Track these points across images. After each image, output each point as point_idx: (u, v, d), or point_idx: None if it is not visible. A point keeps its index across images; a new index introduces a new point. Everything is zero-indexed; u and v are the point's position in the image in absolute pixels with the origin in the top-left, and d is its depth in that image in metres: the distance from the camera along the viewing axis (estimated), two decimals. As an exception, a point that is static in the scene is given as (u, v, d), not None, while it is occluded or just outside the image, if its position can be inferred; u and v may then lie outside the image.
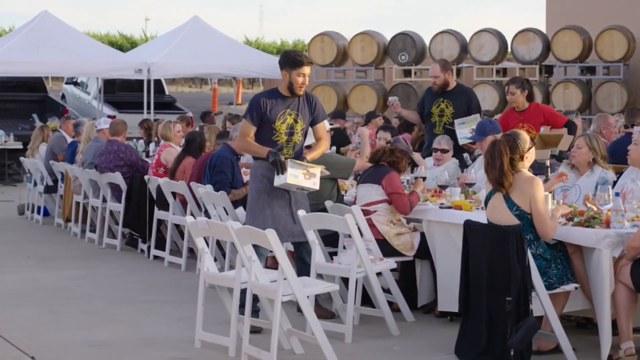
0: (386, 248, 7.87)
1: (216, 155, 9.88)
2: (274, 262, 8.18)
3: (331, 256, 7.90)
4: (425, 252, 7.93)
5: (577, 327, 7.41)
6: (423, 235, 7.96)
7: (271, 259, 8.69)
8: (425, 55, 20.19)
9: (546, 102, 18.55)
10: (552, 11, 22.31)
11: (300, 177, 7.34)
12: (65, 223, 13.32)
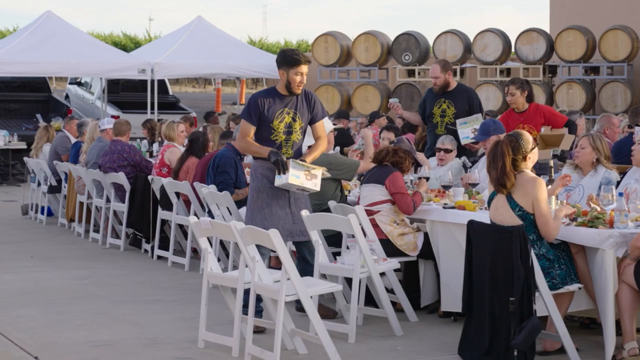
0: (389, 248, 7.87)
1: (220, 155, 9.88)
2: (278, 263, 8.18)
3: (334, 256, 7.90)
4: (428, 253, 7.92)
5: (581, 328, 7.41)
6: (426, 235, 7.96)
7: (274, 259, 8.69)
8: (429, 55, 20.17)
9: (550, 102, 18.54)
10: (556, 11, 22.30)
11: (301, 178, 7.32)
12: (68, 223, 13.34)
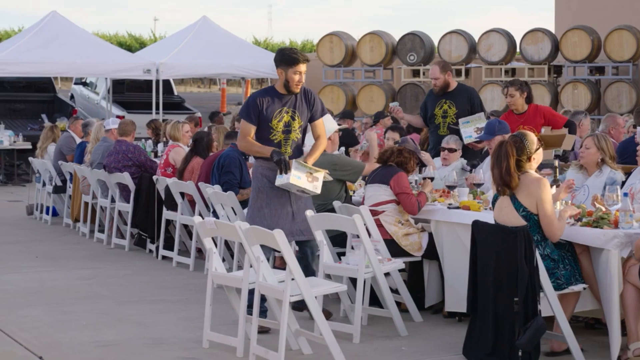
0: (394, 248, 7.86)
1: (224, 155, 9.89)
2: (282, 263, 8.18)
3: (339, 256, 7.89)
4: (433, 253, 7.92)
5: (586, 328, 7.40)
6: (431, 235, 7.95)
7: (279, 259, 8.69)
8: (434, 55, 20.16)
9: (555, 103, 18.53)
10: (561, 11, 22.29)
11: (303, 179, 7.31)
12: (73, 223, 13.34)
